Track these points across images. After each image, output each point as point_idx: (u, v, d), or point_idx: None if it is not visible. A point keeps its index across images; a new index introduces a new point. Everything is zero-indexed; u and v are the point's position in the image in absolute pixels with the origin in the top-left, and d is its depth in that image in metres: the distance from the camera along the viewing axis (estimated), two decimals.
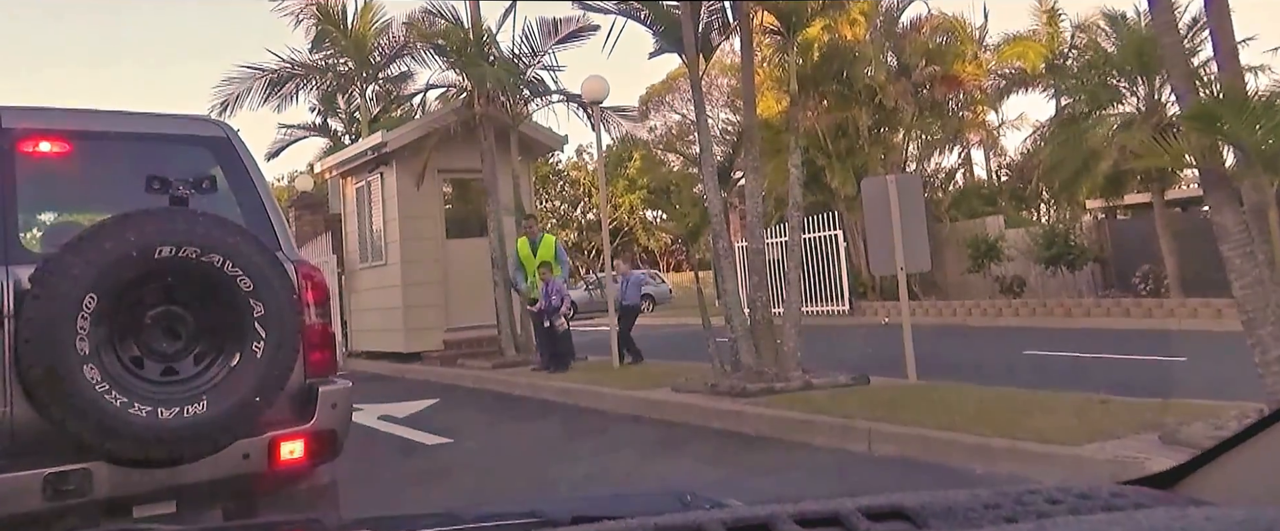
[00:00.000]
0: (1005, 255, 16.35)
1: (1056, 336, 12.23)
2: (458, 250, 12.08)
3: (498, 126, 11.34)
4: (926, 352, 7.24)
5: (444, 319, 11.91)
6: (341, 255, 13.73)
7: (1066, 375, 8.27)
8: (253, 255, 2.81)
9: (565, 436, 7.05)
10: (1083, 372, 8.43)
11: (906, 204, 7.25)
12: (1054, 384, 6.85)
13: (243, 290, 2.79)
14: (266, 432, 2.97)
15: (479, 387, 9.83)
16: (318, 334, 3.22)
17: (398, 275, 11.95)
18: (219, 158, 3.35)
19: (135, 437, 2.63)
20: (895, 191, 7.26)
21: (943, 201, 19.45)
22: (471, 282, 11.72)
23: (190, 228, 2.74)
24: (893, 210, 7.23)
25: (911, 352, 7.16)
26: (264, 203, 3.33)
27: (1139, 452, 4.34)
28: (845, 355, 10.50)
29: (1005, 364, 9.43)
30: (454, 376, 10.60)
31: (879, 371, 7.52)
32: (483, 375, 10.12)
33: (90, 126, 3.23)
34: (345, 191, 13.85)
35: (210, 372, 2.82)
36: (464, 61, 11.15)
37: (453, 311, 11.92)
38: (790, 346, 7.37)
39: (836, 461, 5.26)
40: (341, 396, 3.20)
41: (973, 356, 10.40)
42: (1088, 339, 11.63)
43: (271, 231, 3.24)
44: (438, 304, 11.89)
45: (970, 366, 9.15)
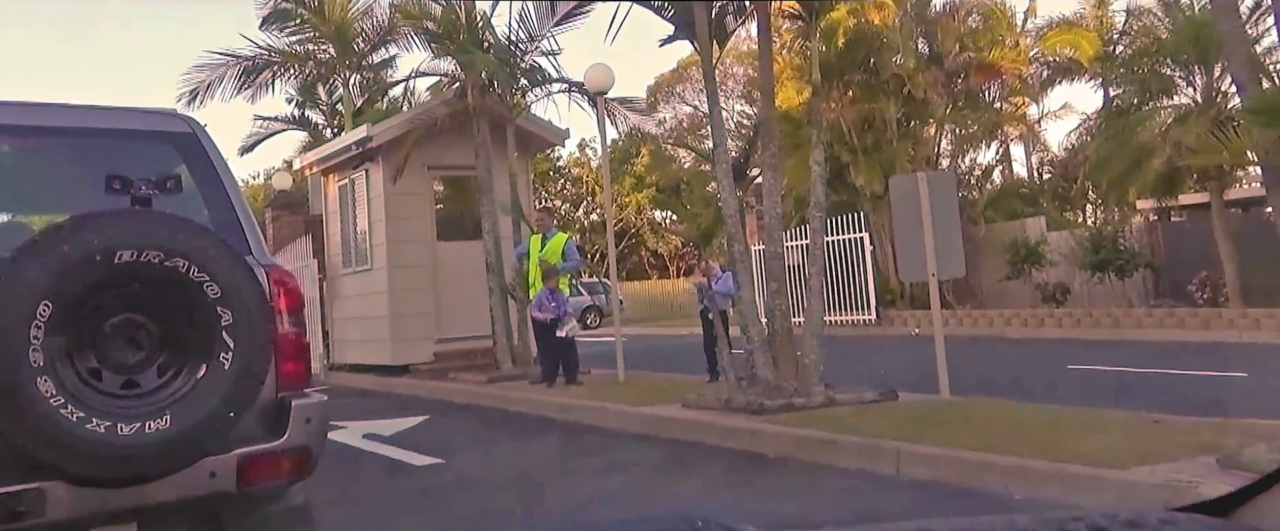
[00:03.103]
0: (1047, 260, 16.29)
1: (1104, 349, 12.17)
2: (450, 254, 12.08)
3: (493, 119, 11.34)
4: (961, 366, 7.21)
5: (435, 328, 11.91)
6: (323, 259, 13.75)
7: (1115, 391, 8.22)
8: (220, 259, 2.82)
9: (566, 456, 7.03)
10: (1133, 389, 8.38)
11: (939, 204, 7.22)
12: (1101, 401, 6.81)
13: (210, 297, 2.80)
14: (235, 449, 2.98)
15: (473, 403, 9.81)
16: (290, 344, 3.23)
17: (384, 281, 11.97)
18: (184, 154, 3.36)
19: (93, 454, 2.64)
20: (926, 190, 7.24)
21: (978, 201, 19.42)
22: (465, 289, 11.72)
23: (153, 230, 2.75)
24: (924, 211, 7.20)
25: (944, 366, 7.13)
26: (233, 203, 3.35)
27: (1193, 477, 4.30)
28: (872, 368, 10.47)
29: (1047, 379, 9.37)
30: (446, 391, 10.58)
31: (909, 386, 7.48)
32: (477, 389, 10.11)
33: (44, 121, 3.24)
34: (327, 190, 13.87)
35: (174, 385, 2.83)
36: (456, 47, 11.16)
37: (444, 320, 11.92)
38: (812, 359, 7.34)
39: (862, 485, 5.23)
40: (316, 411, 3.22)
41: (1011, 370, 10.35)
42: (1138, 352, 11.57)
43: (241, 234, 3.26)
44: (428, 312, 11.90)
45: (1009, 381, 9.11)
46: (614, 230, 10.99)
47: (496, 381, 10.20)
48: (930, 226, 7.18)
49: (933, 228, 7.18)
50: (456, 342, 11.84)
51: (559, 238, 10.00)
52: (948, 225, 7.26)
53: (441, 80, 13.12)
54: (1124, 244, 15.36)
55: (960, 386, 7.24)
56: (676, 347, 14.14)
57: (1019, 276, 16.58)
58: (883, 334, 16.95)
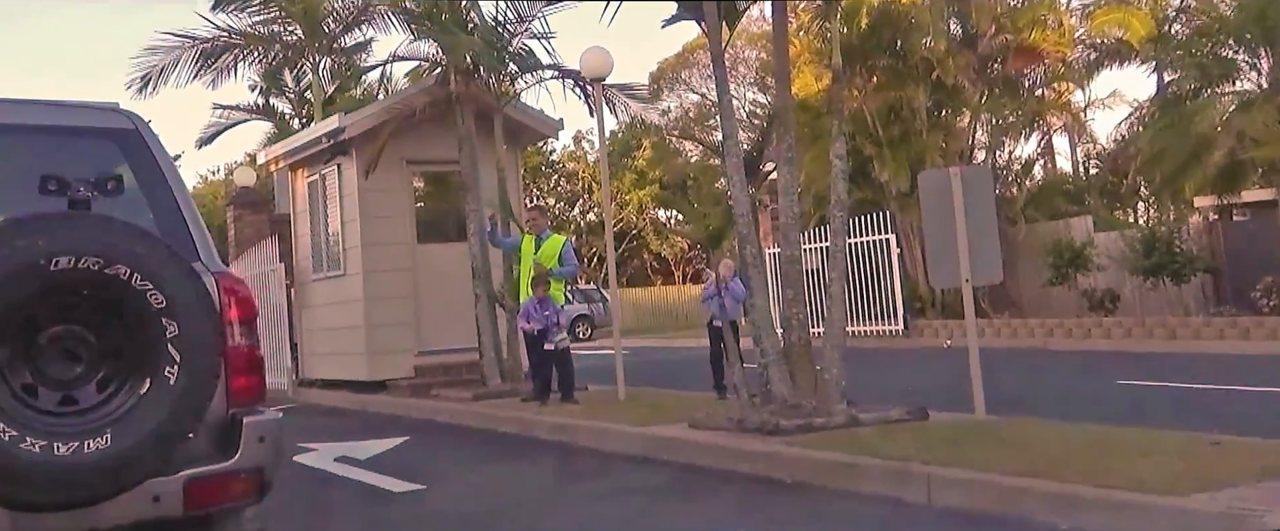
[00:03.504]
0: (1094, 264, 16.27)
1: (1158, 362, 12.15)
2: (432, 257, 12.10)
3: (479, 108, 11.34)
4: (998, 381, 7.20)
5: (415, 340, 11.92)
6: (290, 264, 13.78)
7: (1170, 409, 8.19)
8: (166, 267, 2.84)
9: (561, 481, 7.03)
10: (1190, 407, 8.36)
11: (974, 202, 7.20)
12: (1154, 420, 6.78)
13: (153, 307, 2.82)
14: (182, 471, 3.00)
15: (457, 423, 9.80)
16: (242, 357, 3.29)
17: (359, 287, 11.99)
18: (126, 153, 3.38)
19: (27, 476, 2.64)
20: (959, 187, 7.22)
21: (1017, 199, 19.42)
22: (449, 296, 11.72)
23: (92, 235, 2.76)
24: (956, 209, 7.18)
25: (980, 381, 7.11)
26: (179, 205, 3.38)
27: (1258, 505, 4.28)
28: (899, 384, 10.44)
29: (1094, 395, 9.35)
30: (427, 409, 10.58)
31: (940, 404, 7.47)
32: (462, 408, 10.10)
33: None
34: (295, 186, 13.89)
35: (115, 402, 2.85)
36: (437, 28, 11.17)
37: (426, 331, 11.93)
38: (833, 374, 7.32)
39: (889, 513, 5.22)
40: (270, 428, 3.27)
41: (1054, 386, 10.33)
42: (1196, 365, 11.54)
43: (188, 239, 3.30)
44: (408, 322, 11.91)
45: (1052, 398, 9.09)
46: (613, 231, 10.97)
47: (484, 398, 10.19)
48: (964, 227, 7.16)
49: (966, 228, 7.16)
50: (439, 356, 11.85)
51: (555, 239, 9.98)
52: (983, 225, 7.24)
53: (421, 65, 13.11)
54: (1180, 246, 15.32)
55: (998, 404, 7.22)
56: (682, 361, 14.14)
57: (1063, 282, 16.55)
58: (911, 346, 16.94)
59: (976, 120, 20.01)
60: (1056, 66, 19.50)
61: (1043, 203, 19.82)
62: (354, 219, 12.08)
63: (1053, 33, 18.88)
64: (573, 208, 38.79)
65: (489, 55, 10.85)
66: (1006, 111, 19.91)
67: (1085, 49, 20.67)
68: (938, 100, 19.23)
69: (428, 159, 12.27)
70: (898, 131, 18.95)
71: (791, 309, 7.66)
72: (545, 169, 38.20)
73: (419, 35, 11.94)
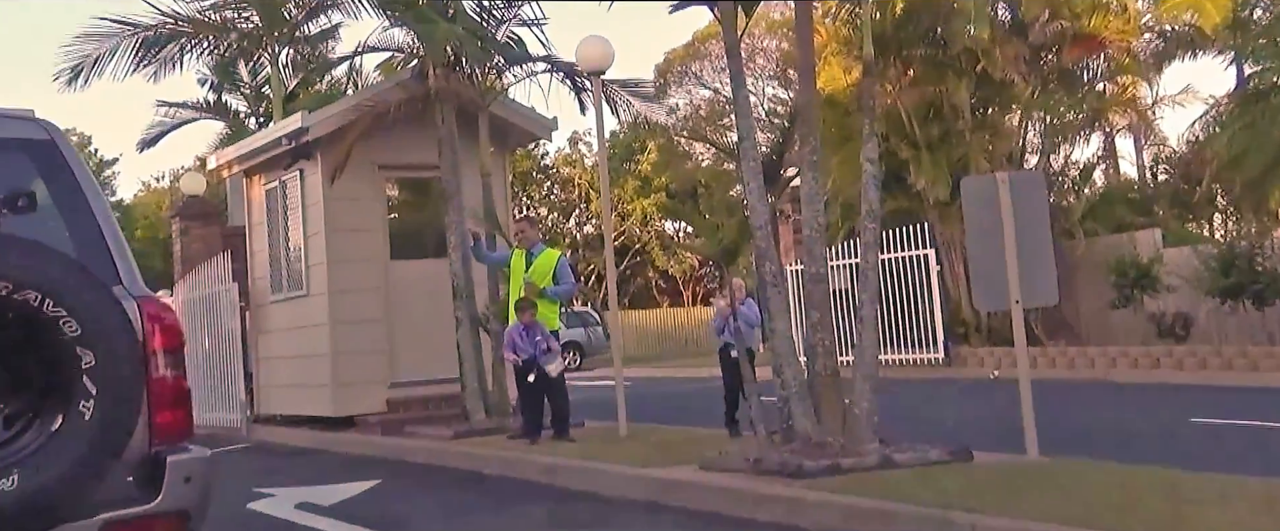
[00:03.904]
0: (1163, 284, 16.29)
1: (1237, 398, 12.15)
2: (407, 275, 12.14)
3: (461, 106, 11.39)
4: (1053, 418, 7.23)
5: (388, 370, 11.96)
6: (245, 283, 13.82)
7: (1251, 451, 8.21)
8: (82, 291, 2.91)
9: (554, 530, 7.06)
10: (1275, 449, 8.35)
11: (1025, 212, 7.25)
12: (1234, 464, 6.80)
13: (68, 336, 2.89)
14: (99, 514, 3.06)
15: (436, 463, 9.81)
16: (167, 389, 3.36)
17: (324, 310, 12.03)
18: (40, 166, 3.45)
19: None
20: (1008, 194, 7.27)
21: (1074, 209, 19.45)
22: (426, 320, 11.76)
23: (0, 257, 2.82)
24: (1005, 221, 7.23)
25: (1031, 417, 7.15)
26: (99, 223, 3.46)
27: None
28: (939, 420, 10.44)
29: (1164, 434, 9.36)
30: (401, 448, 10.58)
31: (986, 443, 7.48)
32: (441, 447, 10.11)
33: None
34: (251, 195, 13.95)
35: (25, 438, 2.92)
36: (413, 15, 11.25)
37: (400, 360, 11.96)
38: (864, 408, 7.35)
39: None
40: (197, 467, 3.35)
41: (1118, 423, 10.35)
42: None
43: (109, 261, 3.38)
44: (379, 349, 11.94)
45: (1114, 437, 9.10)
46: (613, 245, 11.02)
47: (465, 436, 10.20)
48: (1013, 241, 7.21)
49: (1016, 242, 7.21)
50: (415, 387, 11.88)
51: (549, 254, 10.02)
52: (1036, 239, 7.28)
53: (395, 57, 13.21)
54: (1263, 264, 15.32)
55: (1053, 443, 7.24)
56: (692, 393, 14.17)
57: (1127, 304, 16.57)
58: (953, 376, 16.95)
59: (1028, 119, 20.06)
60: (1120, 57, 19.55)
61: (1104, 213, 19.83)
62: (318, 232, 12.11)
63: (1116, 19, 18.95)
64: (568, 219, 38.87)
65: (473, 45, 10.91)
66: (1062, 109, 19.96)
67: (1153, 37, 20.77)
68: (983, 96, 19.30)
69: (403, 163, 12.31)
70: (937, 132, 19.01)
71: (816, 334, 7.69)
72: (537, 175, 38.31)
73: (393, 22, 12.03)
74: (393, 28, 12.27)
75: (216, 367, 14.30)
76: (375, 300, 12.00)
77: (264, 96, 17.84)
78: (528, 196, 37.40)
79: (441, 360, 11.36)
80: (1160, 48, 20.65)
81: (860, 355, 7.66)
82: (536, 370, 9.37)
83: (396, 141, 11.81)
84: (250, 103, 18.86)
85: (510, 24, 11.59)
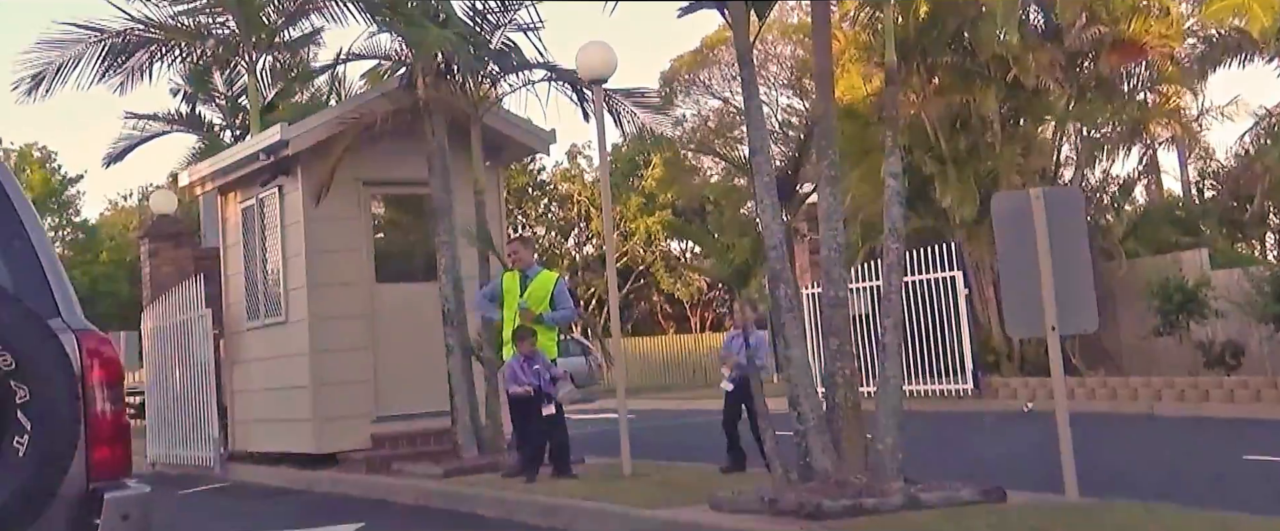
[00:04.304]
0: (1212, 309, 16.26)
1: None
2: (394, 300, 12.15)
3: (453, 117, 11.43)
4: (1093, 454, 7.22)
5: (373, 403, 11.95)
6: (220, 309, 13.84)
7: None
8: (16, 324, 3.01)
9: None
10: None
11: (1061, 231, 7.26)
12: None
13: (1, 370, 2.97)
14: None
15: (424, 504, 9.81)
16: (106, 425, 3.49)
17: (304, 338, 12.03)
18: None
19: None
20: (1043, 212, 7.28)
21: (1114, 228, 19.50)
22: (414, 348, 11.76)
23: None
24: (1040, 240, 7.24)
25: (1070, 454, 7.13)
26: (36, 251, 3.55)
27: None
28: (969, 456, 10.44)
29: (1214, 473, 9.33)
30: (388, 488, 10.58)
31: (1020, 482, 7.47)
32: (430, 486, 10.11)
33: None
34: (226, 214, 13.98)
35: None
36: (402, 19, 11.30)
37: (386, 392, 11.96)
38: (888, 443, 7.34)
39: None
40: (135, 505, 3.47)
41: (1164, 461, 10.32)
42: None
43: (46, 291, 3.48)
44: (364, 380, 11.94)
45: (1160, 476, 9.07)
46: (615, 266, 11.03)
47: (457, 474, 10.20)
48: (1049, 262, 7.22)
49: (1052, 264, 7.22)
50: (402, 422, 11.88)
51: (546, 276, 10.04)
52: (1073, 261, 7.29)
53: (382, 65, 13.25)
54: None
55: (1093, 482, 7.23)
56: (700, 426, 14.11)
57: (1172, 331, 16.53)
58: (982, 408, 16.90)
59: (1062, 131, 20.09)
60: (1163, 65, 19.59)
61: (1146, 233, 19.86)
62: (299, 253, 12.13)
63: (1158, 23, 18.98)
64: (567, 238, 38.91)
65: (465, 52, 10.96)
66: (1101, 120, 19.99)
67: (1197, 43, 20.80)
68: (1014, 106, 19.34)
69: (390, 179, 12.35)
70: (964, 144, 19.04)
71: (836, 363, 7.68)
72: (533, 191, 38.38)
73: (380, 28, 12.08)
74: (380, 34, 12.30)
75: (188, 401, 14.30)
76: (360, 327, 12.00)
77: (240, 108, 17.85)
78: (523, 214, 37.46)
79: (431, 392, 11.37)
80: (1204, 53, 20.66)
81: (883, 385, 7.65)
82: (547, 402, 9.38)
83: (383, 156, 11.85)
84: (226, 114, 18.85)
85: (505, 29, 11.64)
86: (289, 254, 12.32)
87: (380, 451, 11.64)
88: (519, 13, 11.52)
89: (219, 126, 19.05)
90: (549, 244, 37.54)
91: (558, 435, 9.62)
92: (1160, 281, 16.72)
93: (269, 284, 12.80)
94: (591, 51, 10.00)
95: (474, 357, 11.07)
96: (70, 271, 18.94)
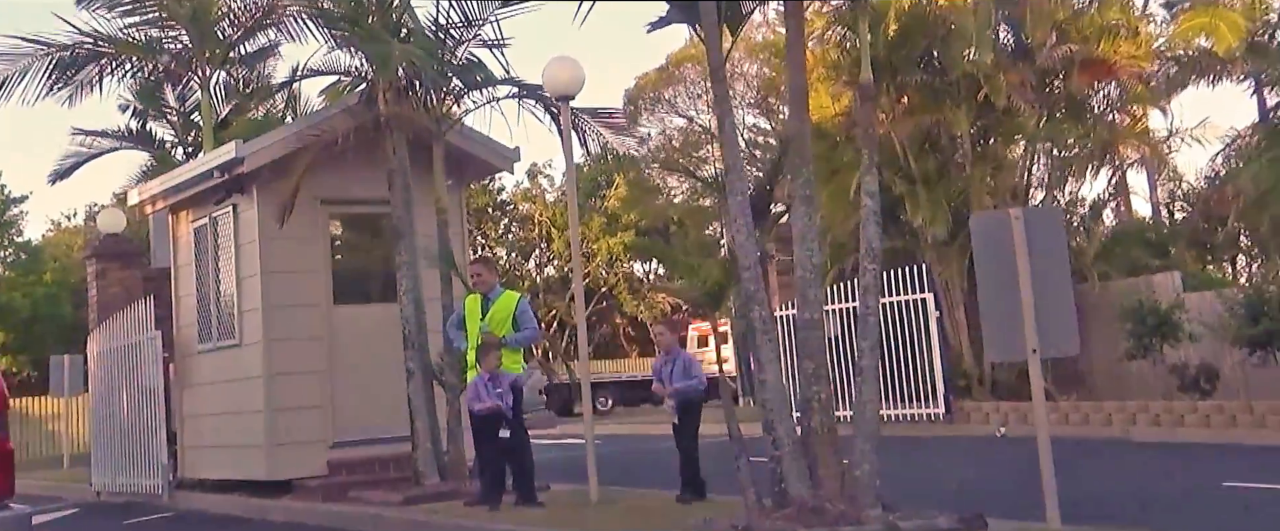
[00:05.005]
0: (1186, 332, 16.36)
1: (1273, 459, 12.20)
2: (352, 322, 12.06)
3: (415, 135, 11.36)
4: (1069, 480, 7.21)
5: (329, 428, 11.83)
6: (170, 331, 13.68)
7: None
8: None
9: None
10: None
11: (1041, 251, 7.26)
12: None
13: None
14: None
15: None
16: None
17: (258, 361, 11.90)
18: None
19: None
20: (1022, 233, 7.28)
21: (1085, 250, 19.59)
22: (373, 372, 11.68)
23: None
24: (1020, 261, 7.24)
25: (1052, 481, 7.11)
26: None
27: None
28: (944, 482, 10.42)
29: (1195, 500, 9.36)
30: (345, 516, 10.47)
31: (999, 509, 7.46)
32: (390, 514, 10.02)
33: None
34: (177, 233, 13.84)
35: None
36: (363, 34, 11.23)
37: (344, 416, 11.85)
38: (865, 469, 7.32)
39: None
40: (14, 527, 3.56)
41: (1142, 487, 10.34)
42: None
43: None
44: (320, 405, 11.82)
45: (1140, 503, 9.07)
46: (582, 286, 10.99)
47: (418, 501, 10.12)
48: (1030, 284, 7.21)
49: (1033, 285, 7.21)
50: (361, 448, 11.77)
51: (508, 297, 9.97)
52: (1054, 282, 7.29)
53: (341, 81, 13.16)
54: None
55: (1073, 509, 7.21)
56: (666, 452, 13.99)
57: (1145, 355, 16.60)
58: (955, 433, 16.96)
59: (1033, 151, 20.23)
60: (1132, 85, 19.78)
61: (1117, 255, 19.97)
62: (253, 274, 12.02)
63: (1127, 43, 19.16)
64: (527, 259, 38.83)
65: (428, 68, 10.91)
66: (1071, 140, 20.14)
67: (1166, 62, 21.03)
68: (984, 126, 19.46)
69: (349, 198, 12.27)
70: (934, 165, 19.14)
71: (813, 387, 7.66)
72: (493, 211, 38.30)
73: (339, 44, 12.00)
74: (340, 49, 12.21)
75: (135, 427, 14.11)
76: (316, 350, 11.90)
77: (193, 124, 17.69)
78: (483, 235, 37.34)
79: (390, 417, 11.30)
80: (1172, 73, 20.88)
81: (860, 410, 7.63)
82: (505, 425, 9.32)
83: (342, 174, 11.76)
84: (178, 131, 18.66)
85: (469, 44, 11.60)
86: (243, 274, 12.21)
87: (337, 478, 11.52)
88: (484, 29, 11.49)
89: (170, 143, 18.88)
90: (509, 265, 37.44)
91: (519, 459, 9.55)
92: (1133, 304, 16.81)
93: (222, 305, 12.67)
94: (559, 66, 10.01)
95: (435, 381, 10.98)
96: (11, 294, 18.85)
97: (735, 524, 7.28)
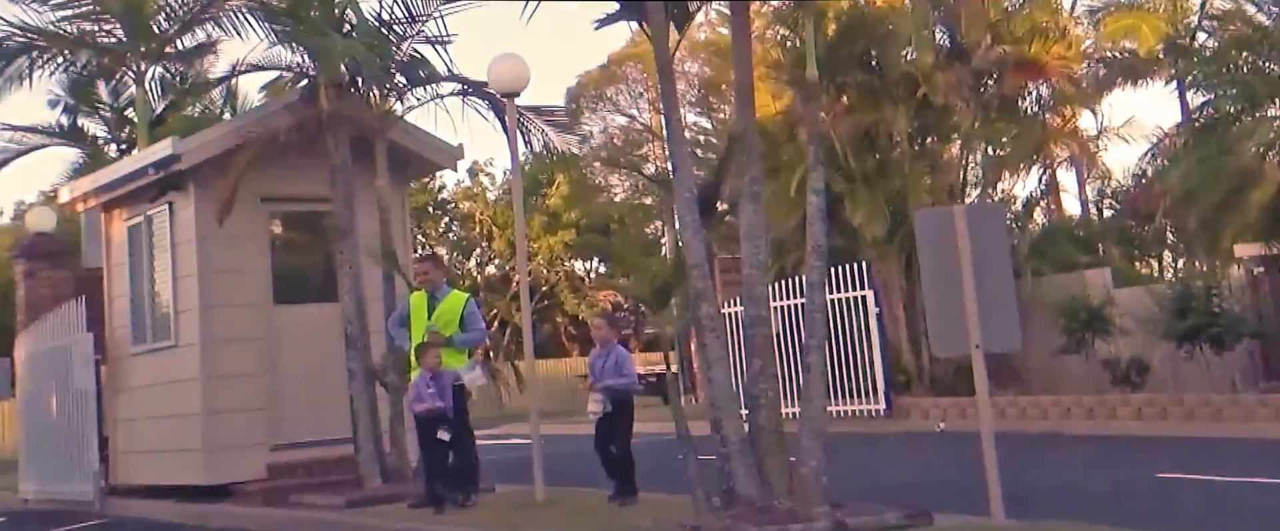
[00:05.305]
0: (1117, 327, 16.61)
1: (1203, 450, 12.42)
2: (293, 323, 11.92)
3: (357, 132, 11.24)
4: (1007, 474, 7.23)
5: (270, 430, 11.68)
6: (103, 333, 13.42)
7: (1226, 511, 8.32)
8: None
9: None
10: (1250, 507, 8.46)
11: (984, 247, 7.31)
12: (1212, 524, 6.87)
13: None
14: None
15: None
16: None
17: (195, 363, 11.72)
18: None
19: None
20: (966, 229, 7.33)
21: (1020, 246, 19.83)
22: (314, 373, 11.56)
23: None
24: (963, 257, 7.28)
25: (996, 476, 7.14)
26: None
27: None
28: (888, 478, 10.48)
29: (1131, 492, 9.48)
30: (286, 521, 10.39)
31: (944, 504, 7.50)
32: (332, 518, 9.94)
33: None
34: (110, 232, 13.61)
35: None
36: (304, 29, 11.09)
37: (284, 419, 11.70)
38: (812, 466, 7.32)
39: None
40: None
41: (1079, 480, 10.46)
42: (1253, 454, 11.81)
43: None
44: (259, 407, 11.67)
45: (1078, 496, 9.19)
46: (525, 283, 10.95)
47: (361, 505, 10.03)
48: (973, 279, 7.25)
49: (975, 281, 7.25)
50: (302, 450, 11.65)
51: (456, 297, 9.86)
52: (997, 278, 7.35)
53: (283, 76, 12.98)
54: (1220, 304, 15.65)
55: (1013, 503, 7.26)
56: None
57: (1078, 349, 16.85)
58: (895, 429, 17.08)
59: (970, 150, 20.45)
60: (1063, 85, 20.07)
61: (1049, 252, 20.21)
62: (190, 274, 11.84)
63: (1057, 44, 19.46)
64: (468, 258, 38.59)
65: (371, 63, 10.82)
66: (1004, 139, 20.39)
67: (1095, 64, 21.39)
68: (922, 125, 19.65)
69: (289, 195, 12.12)
70: (874, 163, 19.29)
71: (760, 384, 7.65)
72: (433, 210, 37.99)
73: (281, 38, 11.82)
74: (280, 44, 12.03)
75: (66, 431, 13.81)
76: (255, 351, 11.75)
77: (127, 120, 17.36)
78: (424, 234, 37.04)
79: (332, 419, 11.21)
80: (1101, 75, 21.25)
81: (807, 407, 7.64)
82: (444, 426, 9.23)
83: (281, 171, 11.64)
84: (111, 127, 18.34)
85: (413, 40, 11.52)
86: (180, 274, 12.03)
87: (278, 482, 11.38)
88: (427, 25, 11.42)
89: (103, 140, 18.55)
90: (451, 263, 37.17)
91: (466, 461, 9.48)
92: (1067, 300, 17.05)
93: (157, 306, 12.48)
94: (504, 63, 9.97)
95: (378, 382, 10.87)
96: None
97: (683, 523, 7.26)
